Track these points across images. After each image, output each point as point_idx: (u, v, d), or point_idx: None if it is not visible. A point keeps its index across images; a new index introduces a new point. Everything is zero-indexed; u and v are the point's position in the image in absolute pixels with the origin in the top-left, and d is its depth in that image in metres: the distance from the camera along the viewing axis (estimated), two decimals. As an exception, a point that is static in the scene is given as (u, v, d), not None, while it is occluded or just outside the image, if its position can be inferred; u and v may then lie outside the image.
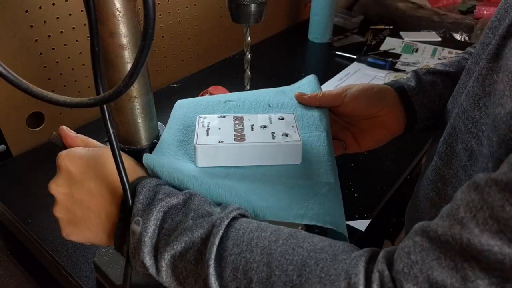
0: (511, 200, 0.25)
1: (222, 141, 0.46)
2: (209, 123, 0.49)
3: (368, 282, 0.30)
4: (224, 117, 0.50)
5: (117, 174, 0.38)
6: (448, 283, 0.27)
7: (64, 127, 0.45)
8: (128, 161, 0.43)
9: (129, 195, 0.39)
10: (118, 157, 0.37)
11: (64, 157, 0.42)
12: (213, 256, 0.34)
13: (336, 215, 0.41)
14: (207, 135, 0.47)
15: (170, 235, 0.37)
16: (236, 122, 0.49)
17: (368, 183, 0.77)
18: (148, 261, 0.37)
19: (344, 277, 0.31)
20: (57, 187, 0.41)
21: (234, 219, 0.37)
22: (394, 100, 0.57)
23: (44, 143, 0.85)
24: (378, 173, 0.80)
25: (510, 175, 0.26)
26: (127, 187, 0.38)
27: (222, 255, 0.35)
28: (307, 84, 0.62)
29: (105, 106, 0.35)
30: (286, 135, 0.47)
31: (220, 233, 0.35)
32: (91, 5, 0.31)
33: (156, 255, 0.37)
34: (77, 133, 0.46)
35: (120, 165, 0.37)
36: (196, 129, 0.48)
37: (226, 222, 0.36)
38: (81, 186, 0.41)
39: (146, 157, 0.43)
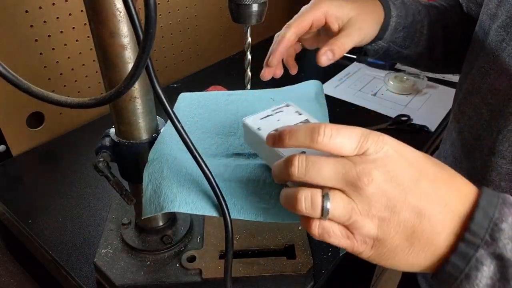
0: None
1: (260, 128, 0.43)
2: (280, 113, 0.45)
3: None
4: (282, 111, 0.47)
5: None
6: None
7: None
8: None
9: None
10: None
11: (392, 155, 0.32)
12: None
13: None
14: (262, 118, 0.44)
15: None
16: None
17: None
18: None
19: None
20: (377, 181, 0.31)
21: None
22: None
23: (44, 143, 0.85)
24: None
25: None
26: None
27: None
28: (311, 86, 0.60)
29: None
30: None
31: None
32: (131, 6, 0.28)
33: None
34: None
35: None
36: (268, 111, 0.45)
37: None
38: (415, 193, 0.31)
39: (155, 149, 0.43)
